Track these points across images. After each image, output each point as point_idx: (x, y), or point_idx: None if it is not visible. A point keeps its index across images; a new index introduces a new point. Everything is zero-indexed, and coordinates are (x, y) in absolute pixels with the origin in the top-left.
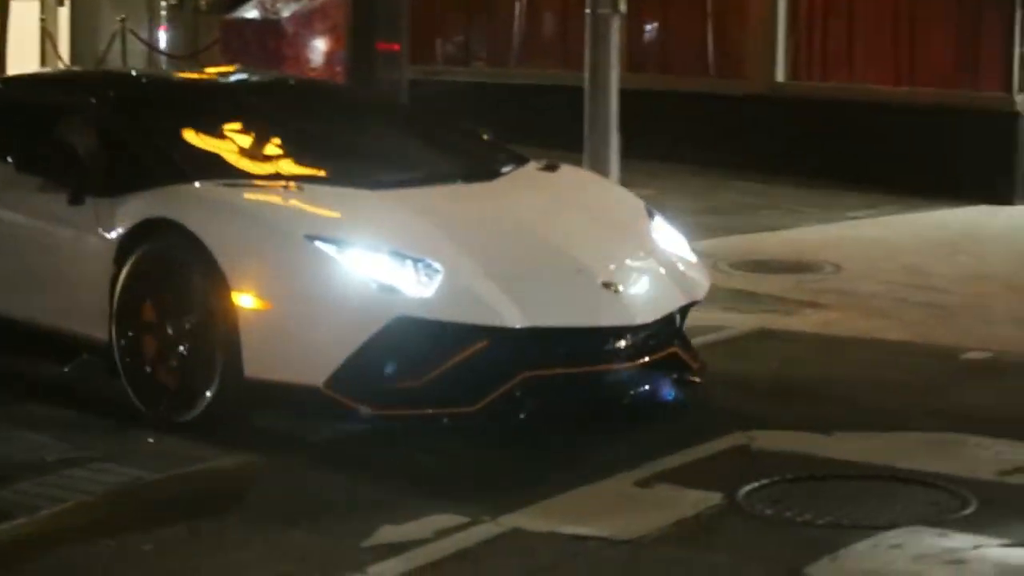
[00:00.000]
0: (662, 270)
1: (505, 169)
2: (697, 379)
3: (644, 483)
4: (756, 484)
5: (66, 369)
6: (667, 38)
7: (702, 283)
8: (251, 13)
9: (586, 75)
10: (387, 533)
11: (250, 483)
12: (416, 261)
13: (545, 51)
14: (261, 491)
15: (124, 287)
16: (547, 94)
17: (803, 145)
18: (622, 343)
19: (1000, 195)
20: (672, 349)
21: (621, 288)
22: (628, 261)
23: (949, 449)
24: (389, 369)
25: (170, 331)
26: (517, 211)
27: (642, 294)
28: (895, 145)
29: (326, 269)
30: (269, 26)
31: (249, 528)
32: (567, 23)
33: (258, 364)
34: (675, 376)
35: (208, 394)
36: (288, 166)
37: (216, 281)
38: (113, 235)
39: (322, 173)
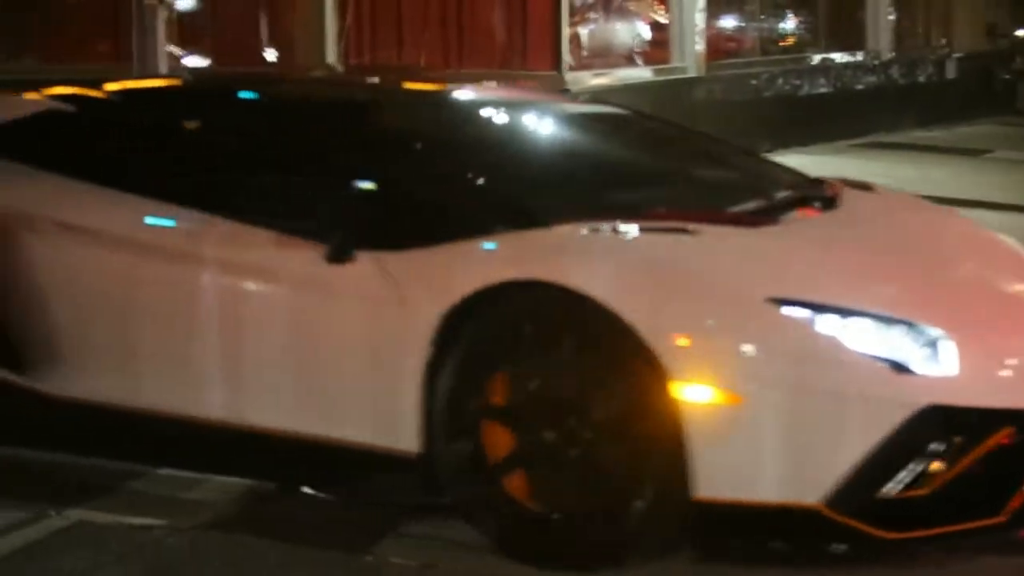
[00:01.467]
0: None
1: (817, 192)
2: None
3: None
4: None
5: (329, 496)
6: (218, 26)
7: None
8: None
9: (135, 66)
10: None
11: None
12: (909, 326)
13: (97, 42)
14: None
15: (457, 379)
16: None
17: None
18: None
19: None
20: None
21: None
22: None
23: None
24: (898, 476)
25: (547, 437)
26: (917, 248)
27: None
28: None
29: (807, 344)
30: None
31: None
32: (118, 14)
33: (719, 480)
34: None
35: (627, 526)
36: (651, 201)
37: (641, 367)
38: (427, 304)
39: (695, 209)
